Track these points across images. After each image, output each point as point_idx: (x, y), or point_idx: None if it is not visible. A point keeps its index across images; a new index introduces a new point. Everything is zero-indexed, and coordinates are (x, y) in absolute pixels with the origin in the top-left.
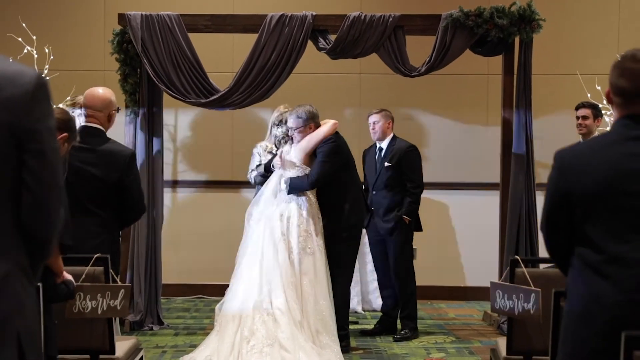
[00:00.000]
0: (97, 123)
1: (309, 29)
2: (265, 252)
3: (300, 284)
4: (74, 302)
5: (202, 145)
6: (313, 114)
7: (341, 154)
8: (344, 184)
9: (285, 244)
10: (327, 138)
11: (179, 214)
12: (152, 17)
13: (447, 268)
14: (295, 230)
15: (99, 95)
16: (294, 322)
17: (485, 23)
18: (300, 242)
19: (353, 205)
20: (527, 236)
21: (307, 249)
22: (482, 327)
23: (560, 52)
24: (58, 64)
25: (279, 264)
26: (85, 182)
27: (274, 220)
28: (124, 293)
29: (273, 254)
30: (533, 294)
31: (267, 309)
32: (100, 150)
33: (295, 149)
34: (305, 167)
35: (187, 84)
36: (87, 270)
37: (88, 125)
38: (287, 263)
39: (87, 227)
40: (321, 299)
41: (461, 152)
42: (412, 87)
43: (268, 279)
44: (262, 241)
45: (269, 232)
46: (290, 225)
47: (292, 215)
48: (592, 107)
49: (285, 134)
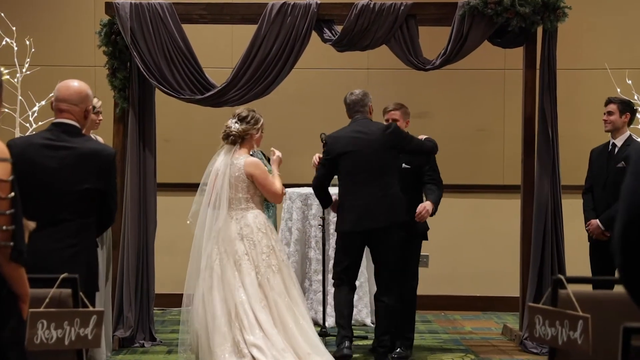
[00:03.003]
0: (73, 119)
1: (313, 19)
2: (227, 276)
3: (276, 307)
4: (35, 331)
5: (198, 145)
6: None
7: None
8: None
9: (250, 263)
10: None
11: (174, 219)
12: (142, 6)
13: (462, 276)
14: (258, 247)
15: (75, 87)
16: (277, 352)
17: (506, 11)
18: (265, 260)
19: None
20: (554, 246)
21: (273, 267)
22: (502, 343)
23: (586, 44)
24: (43, 58)
25: (244, 289)
26: (64, 184)
27: (231, 239)
28: (96, 319)
29: (235, 277)
30: (581, 320)
31: (243, 351)
32: (80, 150)
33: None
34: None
35: (180, 78)
36: (52, 292)
37: (63, 121)
38: (255, 285)
39: (63, 235)
40: (301, 318)
41: (476, 152)
42: (424, 83)
43: (235, 310)
44: (219, 262)
45: (225, 252)
46: (251, 242)
47: (251, 231)
48: (620, 102)
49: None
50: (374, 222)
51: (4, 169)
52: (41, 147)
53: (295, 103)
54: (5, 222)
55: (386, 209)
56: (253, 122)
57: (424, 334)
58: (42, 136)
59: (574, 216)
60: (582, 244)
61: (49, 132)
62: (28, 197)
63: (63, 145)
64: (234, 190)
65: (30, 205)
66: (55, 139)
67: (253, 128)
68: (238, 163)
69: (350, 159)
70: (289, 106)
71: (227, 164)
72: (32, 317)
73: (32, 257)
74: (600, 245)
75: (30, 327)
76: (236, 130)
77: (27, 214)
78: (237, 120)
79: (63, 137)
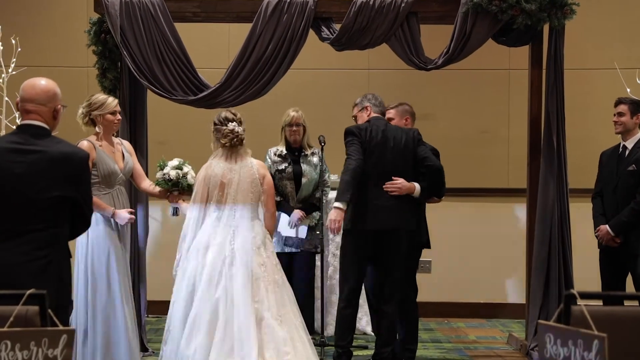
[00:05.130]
0: (41, 120)
1: (310, 17)
2: (223, 291)
3: (287, 319)
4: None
5: (191, 148)
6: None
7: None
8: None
9: (268, 275)
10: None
11: (168, 224)
12: (132, 3)
13: (465, 282)
14: (272, 258)
15: (42, 86)
16: None
17: (511, 8)
18: (280, 271)
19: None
20: (561, 252)
21: (281, 278)
22: (508, 353)
23: (594, 42)
24: (32, 58)
25: (262, 303)
26: (32, 191)
27: (245, 250)
28: (66, 339)
29: (248, 292)
30: (596, 340)
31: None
32: (50, 153)
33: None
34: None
35: (172, 79)
36: (18, 310)
37: (30, 123)
38: (272, 299)
39: (31, 246)
40: (303, 332)
41: (480, 155)
42: (425, 84)
43: (230, 329)
44: (227, 273)
45: (241, 263)
46: (266, 252)
47: (262, 242)
48: (630, 102)
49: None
50: (390, 224)
51: None
52: (7, 152)
53: (293, 104)
54: None
55: (404, 213)
56: (243, 124)
57: (426, 343)
58: (7, 140)
59: (583, 221)
60: (592, 249)
61: (15, 136)
62: None
63: (31, 149)
64: (243, 196)
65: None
66: (23, 142)
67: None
68: (250, 165)
69: (380, 156)
70: (285, 108)
71: (231, 168)
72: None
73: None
74: (611, 251)
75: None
76: (243, 133)
77: None
78: (238, 123)
79: (31, 140)
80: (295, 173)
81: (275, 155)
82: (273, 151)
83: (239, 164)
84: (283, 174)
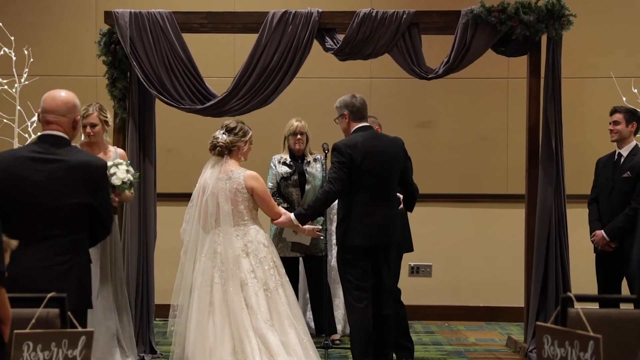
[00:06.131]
0: (61, 131)
1: (314, 28)
2: (231, 298)
3: (281, 325)
4: (20, 353)
5: (199, 155)
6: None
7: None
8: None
9: (257, 281)
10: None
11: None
12: (141, 15)
13: (465, 286)
14: (264, 263)
15: (62, 97)
16: None
17: (510, 19)
18: (273, 276)
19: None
20: (559, 256)
21: (277, 282)
22: (506, 355)
23: (591, 52)
24: (43, 68)
25: (250, 309)
26: (53, 199)
27: (235, 257)
28: (84, 341)
29: (241, 299)
30: (592, 341)
31: None
32: (70, 162)
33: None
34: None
35: (180, 88)
36: (39, 312)
37: (51, 133)
38: (263, 305)
39: (53, 252)
40: (304, 336)
41: (480, 162)
42: (426, 92)
43: (239, 335)
44: (219, 281)
45: (228, 271)
46: (256, 258)
47: (256, 247)
48: (625, 111)
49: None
50: (387, 238)
51: None
52: (29, 161)
53: (298, 113)
54: None
55: (395, 228)
56: (241, 134)
57: (427, 345)
58: (29, 149)
59: (580, 226)
60: (588, 253)
61: (36, 145)
62: (16, 213)
63: (52, 158)
64: (232, 205)
65: (19, 222)
66: (44, 151)
67: (241, 140)
68: (237, 176)
69: (370, 170)
70: (291, 116)
71: (217, 177)
72: (17, 338)
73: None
74: (606, 256)
75: (16, 349)
76: (223, 142)
77: (15, 231)
78: (225, 131)
79: (51, 150)
80: (300, 180)
81: (280, 163)
82: (277, 159)
83: (227, 173)
84: (288, 182)
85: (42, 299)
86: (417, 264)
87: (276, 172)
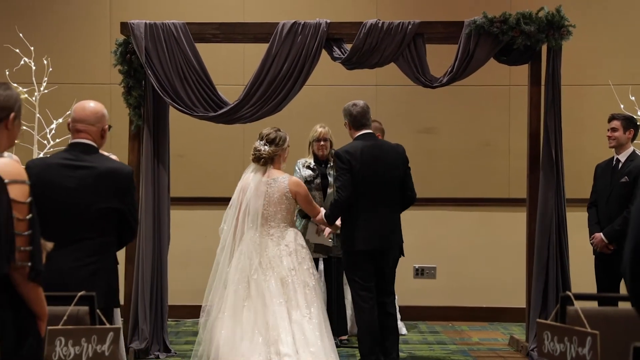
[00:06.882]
0: (90, 139)
1: (323, 38)
2: (271, 290)
3: (318, 322)
4: (53, 348)
5: (211, 160)
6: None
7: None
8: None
9: (298, 279)
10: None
11: (188, 232)
12: (156, 26)
13: (469, 288)
14: (304, 264)
15: (91, 108)
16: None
17: (511, 30)
18: (313, 275)
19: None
20: (559, 259)
21: (314, 283)
22: (509, 354)
23: (590, 61)
24: (61, 76)
25: (291, 304)
26: (83, 204)
27: (276, 255)
28: (112, 336)
29: (279, 292)
30: (589, 337)
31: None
32: (99, 169)
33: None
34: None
35: (194, 96)
36: (70, 310)
37: (80, 141)
38: (302, 301)
39: (83, 253)
40: (327, 335)
41: (482, 167)
42: (430, 99)
43: (276, 324)
44: (258, 277)
45: (268, 267)
46: (297, 258)
47: (295, 249)
48: (623, 118)
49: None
50: (387, 243)
51: (22, 191)
52: (60, 167)
53: (307, 120)
54: (24, 243)
55: (396, 232)
56: (281, 143)
57: (432, 345)
58: (60, 156)
59: (579, 229)
60: (588, 256)
61: (67, 152)
62: (48, 217)
63: (82, 165)
64: (274, 208)
65: (51, 225)
66: (74, 158)
67: (281, 148)
68: (282, 181)
69: (369, 177)
70: (301, 122)
71: (260, 181)
72: (50, 334)
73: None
74: (605, 258)
75: (49, 344)
76: (267, 153)
77: (47, 234)
78: (266, 142)
79: (81, 157)
80: (322, 184)
81: (304, 167)
82: (302, 162)
83: (272, 178)
84: (312, 185)
85: (73, 298)
86: (422, 266)
87: (300, 175)
